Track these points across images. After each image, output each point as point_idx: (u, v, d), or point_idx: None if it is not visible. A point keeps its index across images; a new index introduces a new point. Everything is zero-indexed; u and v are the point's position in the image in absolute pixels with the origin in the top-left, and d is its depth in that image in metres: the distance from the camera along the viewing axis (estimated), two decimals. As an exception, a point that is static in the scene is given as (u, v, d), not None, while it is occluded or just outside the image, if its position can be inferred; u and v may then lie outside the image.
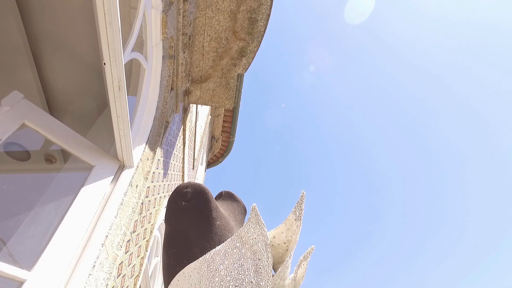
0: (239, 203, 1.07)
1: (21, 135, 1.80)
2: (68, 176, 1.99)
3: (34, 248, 1.46)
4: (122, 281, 1.87)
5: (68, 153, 1.94)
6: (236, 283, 0.73)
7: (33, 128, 1.59)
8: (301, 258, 0.87)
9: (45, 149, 2.26)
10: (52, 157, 2.32)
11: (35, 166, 2.26)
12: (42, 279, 1.28)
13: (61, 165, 2.21)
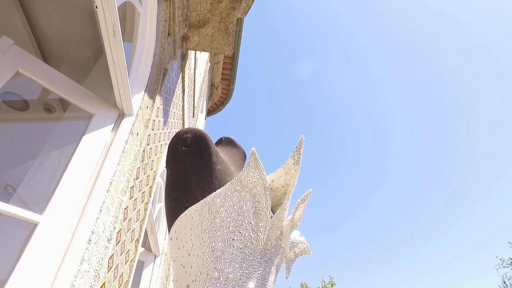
0: (239, 149, 1.08)
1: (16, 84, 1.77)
2: (69, 125, 2.00)
3: (42, 194, 1.52)
4: (129, 225, 1.96)
5: (66, 102, 1.93)
6: (236, 223, 0.76)
7: (29, 77, 1.56)
8: (298, 201, 0.90)
9: (43, 98, 2.24)
10: (51, 106, 2.30)
11: (34, 116, 2.25)
12: (54, 222, 1.35)
13: (61, 114, 2.20)
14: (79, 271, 1.36)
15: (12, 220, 1.32)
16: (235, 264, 0.75)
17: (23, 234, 1.33)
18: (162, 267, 3.47)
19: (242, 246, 0.76)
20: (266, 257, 0.80)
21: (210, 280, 0.73)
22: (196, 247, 0.77)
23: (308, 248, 1.04)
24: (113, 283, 1.77)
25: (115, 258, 1.76)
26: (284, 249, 0.88)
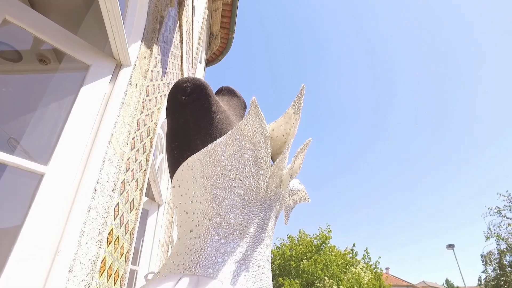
0: (239, 98, 1.07)
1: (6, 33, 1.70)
2: (65, 76, 1.96)
3: (45, 146, 1.54)
4: (132, 175, 2.01)
5: (61, 53, 1.87)
6: (237, 171, 0.78)
7: (18, 25, 1.50)
8: (298, 149, 0.91)
9: (36, 49, 2.17)
10: (45, 57, 2.24)
11: (29, 67, 2.20)
12: (59, 173, 1.38)
13: (56, 65, 2.15)
14: (87, 218, 1.42)
15: (19, 171, 1.36)
16: (236, 210, 0.78)
17: (31, 185, 1.37)
18: (166, 215, 3.62)
19: (243, 193, 0.78)
20: (266, 203, 0.83)
21: (212, 225, 0.76)
22: (198, 194, 0.79)
23: (306, 196, 1.07)
24: (120, 230, 1.86)
25: (120, 206, 1.83)
26: (283, 196, 0.91)
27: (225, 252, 0.72)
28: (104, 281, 1.70)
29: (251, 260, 0.75)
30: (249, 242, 0.77)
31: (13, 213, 1.54)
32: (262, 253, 0.79)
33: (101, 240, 1.56)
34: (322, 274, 22.41)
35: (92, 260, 1.49)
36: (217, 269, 0.69)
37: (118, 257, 1.90)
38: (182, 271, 0.70)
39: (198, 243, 0.74)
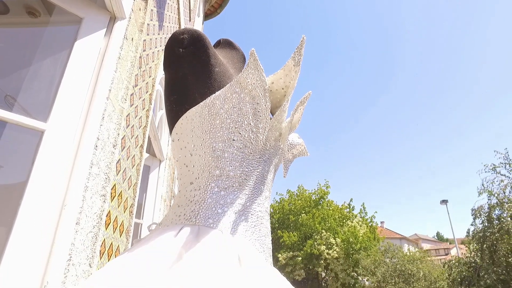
0: (238, 51, 1.04)
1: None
2: (58, 30, 1.89)
3: (43, 103, 1.52)
4: (132, 131, 2.02)
5: (50, 5, 1.79)
6: (236, 125, 0.78)
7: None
8: (298, 103, 0.90)
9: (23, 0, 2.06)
10: (34, 10, 2.14)
11: (18, 20, 2.11)
12: (59, 129, 1.38)
13: (47, 18, 2.06)
14: (90, 174, 1.45)
15: (19, 128, 1.36)
16: (235, 163, 0.78)
17: (33, 142, 1.37)
18: (167, 171, 3.69)
19: (242, 146, 0.79)
20: (265, 157, 0.84)
21: (212, 177, 0.78)
22: (197, 147, 0.80)
23: (305, 150, 1.08)
24: (123, 185, 1.91)
25: (122, 162, 1.85)
26: (282, 150, 0.91)
27: (224, 203, 0.74)
28: (110, 233, 1.77)
29: (250, 211, 0.77)
30: (248, 194, 0.79)
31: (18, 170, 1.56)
32: (261, 204, 0.81)
33: (105, 195, 1.61)
34: (319, 227, 23.36)
35: (97, 214, 1.54)
36: (217, 219, 0.71)
37: (123, 211, 1.96)
38: (183, 221, 0.72)
39: (199, 195, 0.76)
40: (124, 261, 0.63)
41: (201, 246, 0.63)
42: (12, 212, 1.20)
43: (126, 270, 0.60)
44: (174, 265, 0.60)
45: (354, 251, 20.86)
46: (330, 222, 24.02)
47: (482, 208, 7.30)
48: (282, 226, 24.82)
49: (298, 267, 22.67)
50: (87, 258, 1.46)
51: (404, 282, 12.53)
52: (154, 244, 0.66)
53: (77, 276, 1.38)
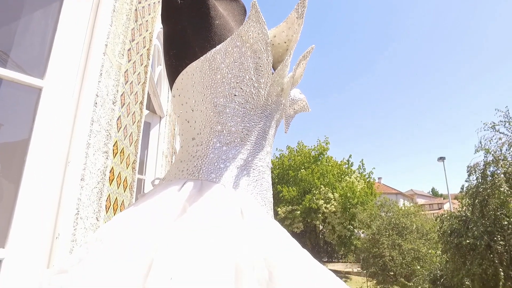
0: (239, 3, 0.99)
1: None
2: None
3: (37, 59, 1.48)
4: (131, 88, 1.99)
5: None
6: (237, 80, 0.77)
7: None
8: (300, 57, 0.88)
9: None
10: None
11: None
12: (57, 86, 1.36)
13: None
14: (91, 131, 1.45)
15: (16, 85, 1.34)
16: (237, 118, 0.78)
17: (31, 99, 1.36)
18: (168, 128, 3.70)
19: (244, 101, 0.78)
20: (266, 112, 0.84)
21: (213, 133, 0.78)
22: (198, 103, 0.79)
23: (307, 106, 1.07)
24: (124, 142, 1.92)
25: (122, 119, 1.85)
26: (284, 105, 0.91)
27: (226, 158, 0.75)
28: (114, 188, 1.82)
29: (252, 166, 0.78)
30: (250, 149, 0.79)
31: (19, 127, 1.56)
32: (262, 159, 0.82)
33: (107, 152, 1.63)
34: (318, 183, 23.93)
35: (101, 170, 1.57)
36: (219, 174, 0.73)
37: (125, 167, 2.00)
38: (186, 176, 0.74)
39: (201, 150, 0.77)
40: (130, 215, 0.65)
41: (204, 199, 0.65)
42: (18, 168, 1.22)
43: (132, 223, 0.62)
44: (179, 218, 0.62)
45: (351, 206, 21.58)
46: (328, 177, 24.55)
47: (477, 165, 7.41)
48: (281, 181, 25.43)
49: (296, 220, 23.59)
50: (94, 212, 1.52)
51: (397, 234, 13.08)
52: (158, 198, 0.68)
53: (85, 229, 1.44)
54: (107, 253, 0.56)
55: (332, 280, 0.63)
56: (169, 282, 0.51)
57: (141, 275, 0.54)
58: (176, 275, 0.52)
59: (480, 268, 6.25)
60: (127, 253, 0.56)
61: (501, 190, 6.41)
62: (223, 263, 0.55)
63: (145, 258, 0.55)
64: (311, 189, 24.33)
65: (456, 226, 7.27)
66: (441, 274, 9.46)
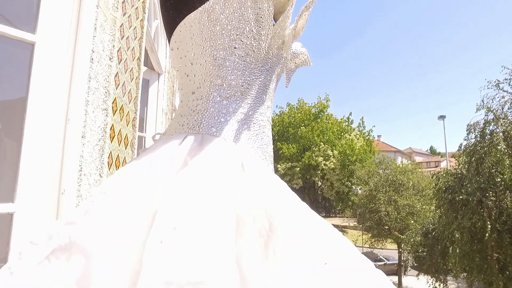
0: None
1: None
2: None
3: (26, 11, 1.42)
4: (127, 43, 1.93)
5: None
6: (237, 32, 0.74)
7: None
8: (302, 8, 0.84)
9: None
10: None
11: None
12: (51, 42, 1.32)
13: None
14: (89, 88, 1.43)
15: (6, 39, 1.29)
16: (237, 71, 0.77)
17: (25, 55, 1.32)
18: (167, 84, 3.64)
19: (244, 54, 0.76)
20: (267, 65, 0.82)
21: (213, 86, 0.77)
22: (198, 56, 0.77)
23: (308, 59, 1.05)
24: (123, 99, 1.90)
25: (120, 76, 1.82)
26: (285, 59, 0.88)
27: (227, 112, 0.75)
28: (115, 145, 1.83)
29: (253, 120, 0.78)
30: (251, 103, 0.79)
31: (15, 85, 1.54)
32: (263, 114, 0.82)
33: (106, 109, 1.62)
34: (318, 140, 24.12)
35: (101, 127, 1.57)
36: (220, 128, 0.73)
37: (125, 124, 2.00)
38: (186, 130, 0.74)
39: (201, 104, 0.76)
40: (132, 168, 0.67)
41: (205, 153, 0.66)
42: (19, 126, 1.22)
43: (135, 176, 0.64)
44: (180, 171, 0.63)
45: (350, 163, 21.93)
46: (328, 135, 24.71)
47: (477, 124, 7.41)
48: (281, 138, 25.64)
49: (296, 177, 24.11)
50: (96, 169, 1.54)
51: (394, 190, 13.44)
52: (159, 152, 0.68)
53: (89, 185, 1.47)
54: (112, 205, 0.58)
55: (329, 230, 0.65)
56: (173, 232, 0.53)
57: (145, 225, 0.56)
58: (179, 225, 0.53)
59: (470, 222, 6.51)
60: (131, 204, 0.58)
61: (498, 148, 6.47)
62: (225, 214, 0.57)
63: (148, 209, 0.57)
64: (311, 146, 24.59)
65: (451, 183, 7.45)
66: (433, 227, 9.89)
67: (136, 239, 0.54)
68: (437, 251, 9.06)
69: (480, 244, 6.63)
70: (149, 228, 0.55)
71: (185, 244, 0.52)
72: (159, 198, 0.58)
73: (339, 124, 25.98)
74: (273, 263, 0.56)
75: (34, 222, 1.20)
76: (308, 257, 0.58)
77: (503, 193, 6.34)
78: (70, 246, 0.53)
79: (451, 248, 7.58)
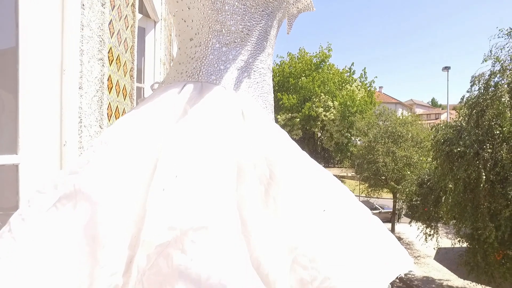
0: None
1: None
2: None
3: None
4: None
5: None
6: None
7: None
8: None
9: None
10: None
11: None
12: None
13: None
14: (83, 37, 1.38)
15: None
16: (237, 16, 0.73)
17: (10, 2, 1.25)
18: (164, 33, 3.50)
19: None
20: (268, 10, 0.78)
21: (212, 32, 0.74)
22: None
23: (311, 4, 0.99)
24: (119, 48, 1.84)
25: (114, 23, 1.74)
26: (287, 3, 0.84)
27: (227, 59, 0.73)
28: (114, 96, 1.81)
29: (253, 67, 0.76)
30: (251, 50, 0.76)
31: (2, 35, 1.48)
32: (263, 61, 0.80)
33: (102, 59, 1.57)
34: (318, 91, 23.84)
35: (98, 78, 1.54)
36: (219, 76, 0.71)
37: (123, 74, 1.95)
38: (185, 78, 0.72)
39: (199, 51, 0.74)
40: (132, 118, 0.66)
41: (205, 101, 0.65)
42: (13, 78, 1.19)
43: (134, 125, 0.63)
44: (180, 120, 0.63)
45: (350, 114, 21.90)
46: (329, 85, 24.38)
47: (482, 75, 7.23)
48: (282, 89, 25.34)
49: (296, 128, 24.22)
50: (96, 120, 1.54)
51: (392, 142, 13.57)
52: (158, 101, 0.68)
53: (90, 137, 1.48)
54: (113, 154, 0.59)
55: (328, 178, 0.67)
56: (175, 180, 0.54)
57: (147, 174, 0.57)
58: (180, 173, 0.54)
59: (465, 173, 6.65)
60: (132, 153, 0.58)
61: (501, 101, 6.40)
62: (225, 161, 0.58)
63: (149, 158, 0.58)
64: (311, 97, 24.39)
65: (450, 135, 7.49)
66: (428, 178, 10.16)
67: (139, 187, 0.56)
68: (430, 200, 9.39)
69: (472, 194, 6.84)
70: (151, 176, 0.56)
71: (187, 191, 0.53)
72: (159, 147, 0.59)
73: (340, 74, 25.47)
74: (273, 210, 0.58)
75: (39, 173, 1.22)
76: (307, 204, 0.60)
77: (500, 145, 6.40)
78: (75, 194, 0.55)
79: (444, 197, 7.86)
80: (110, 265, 0.51)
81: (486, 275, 7.17)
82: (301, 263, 0.56)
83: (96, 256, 0.51)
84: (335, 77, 24.84)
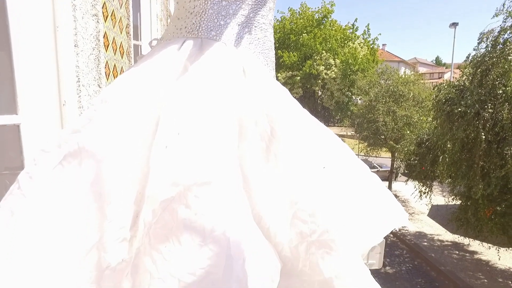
0: None
1: None
2: None
3: None
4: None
5: None
6: None
7: None
8: None
9: None
10: None
11: None
12: None
13: None
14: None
15: None
16: None
17: None
18: (160, -13, 3.35)
19: None
20: None
21: None
22: None
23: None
24: (113, 3, 1.77)
25: (107, -25, 1.66)
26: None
27: (227, 14, 0.71)
28: (111, 55, 1.77)
29: (254, 23, 0.74)
30: (252, 4, 0.74)
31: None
32: (265, 16, 0.77)
33: (96, 14, 1.51)
34: (320, 48, 23.19)
35: (93, 35, 1.49)
36: (220, 31, 0.69)
37: (119, 31, 1.89)
38: (185, 34, 0.71)
39: (199, 6, 0.71)
40: (131, 75, 0.65)
41: (205, 58, 0.64)
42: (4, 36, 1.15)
43: (134, 83, 0.63)
44: (180, 77, 0.62)
45: (352, 72, 21.49)
46: (331, 42, 23.67)
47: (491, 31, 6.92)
48: (282, 46, 24.63)
49: (296, 86, 23.89)
50: (94, 79, 1.52)
51: (393, 101, 13.43)
52: (158, 58, 0.66)
53: (89, 96, 1.47)
54: (114, 112, 0.59)
55: (328, 134, 0.68)
56: (177, 137, 0.54)
57: (149, 131, 0.57)
58: (182, 130, 0.55)
59: (464, 133, 6.65)
60: (133, 111, 0.59)
61: (508, 59, 6.21)
62: (227, 118, 0.58)
63: (151, 116, 0.58)
64: (312, 55, 23.80)
65: (452, 95, 7.37)
66: (427, 138, 10.20)
67: (142, 144, 0.57)
68: (428, 160, 9.51)
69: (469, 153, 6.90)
70: (153, 134, 0.57)
71: (189, 148, 0.54)
72: (160, 104, 0.59)
73: (343, 31, 24.61)
74: (274, 166, 0.59)
75: (40, 132, 1.23)
76: (307, 161, 0.61)
77: (501, 105, 6.32)
78: (79, 152, 0.56)
79: (441, 157, 7.93)
80: (118, 220, 0.53)
81: (475, 230, 7.47)
82: (301, 217, 0.59)
83: (104, 211, 0.53)
84: (337, 34, 24.03)
